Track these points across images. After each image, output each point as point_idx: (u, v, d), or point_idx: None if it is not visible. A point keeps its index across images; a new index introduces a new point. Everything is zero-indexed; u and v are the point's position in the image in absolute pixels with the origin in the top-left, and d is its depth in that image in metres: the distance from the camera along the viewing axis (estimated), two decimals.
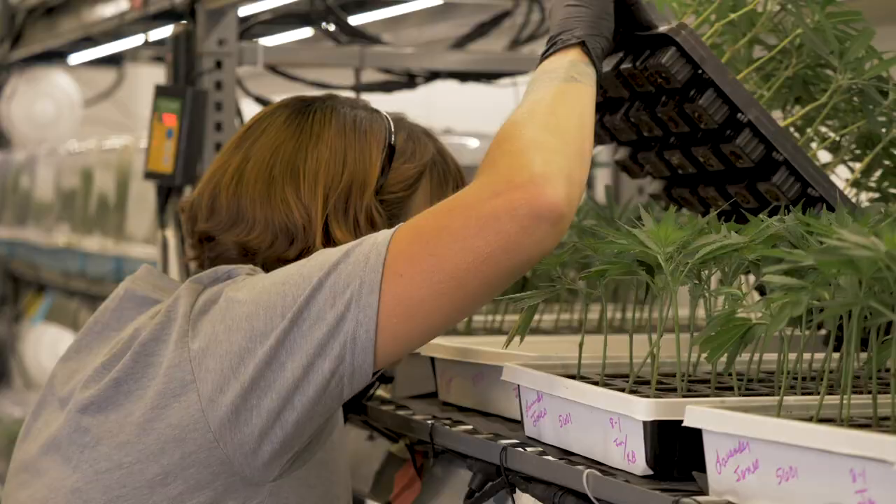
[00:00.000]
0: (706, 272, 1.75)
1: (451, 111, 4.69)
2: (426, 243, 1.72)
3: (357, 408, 2.22)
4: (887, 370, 1.69)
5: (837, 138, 2.07)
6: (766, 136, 1.92)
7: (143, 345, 1.80)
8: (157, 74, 4.49)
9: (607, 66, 1.98)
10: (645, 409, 1.62)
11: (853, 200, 2.06)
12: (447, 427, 2.00)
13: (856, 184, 2.11)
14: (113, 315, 1.92)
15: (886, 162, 2.10)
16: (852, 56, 1.98)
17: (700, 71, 1.91)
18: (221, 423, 1.74)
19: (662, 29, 1.93)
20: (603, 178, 3.39)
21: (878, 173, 2.11)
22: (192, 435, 1.75)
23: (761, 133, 1.92)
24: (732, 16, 2.00)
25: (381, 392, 2.29)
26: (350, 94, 3.70)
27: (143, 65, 5.33)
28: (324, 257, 1.76)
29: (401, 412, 2.14)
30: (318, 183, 1.92)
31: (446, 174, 2.03)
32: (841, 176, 2.11)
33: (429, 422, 2.04)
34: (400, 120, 2.04)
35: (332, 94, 2.06)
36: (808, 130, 2.06)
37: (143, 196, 3.89)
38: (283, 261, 1.87)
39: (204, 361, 1.75)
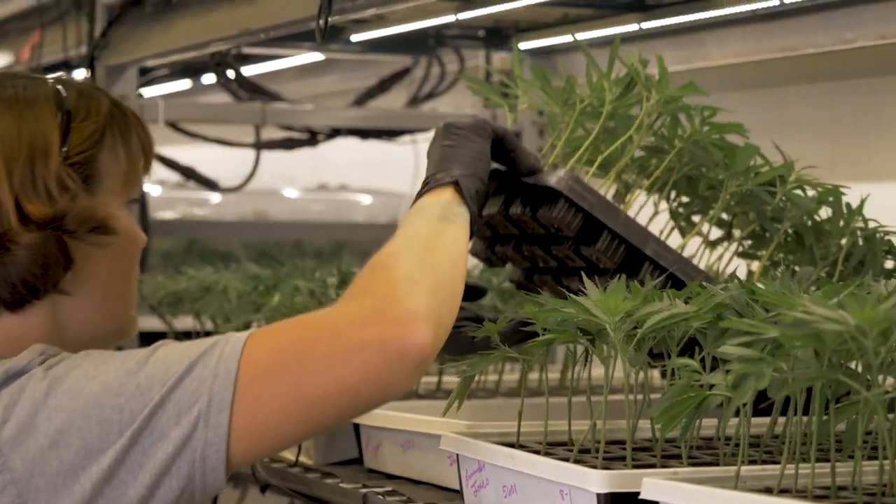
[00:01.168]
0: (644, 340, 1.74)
1: (342, 167, 4.66)
2: (288, 366, 1.63)
3: None
4: (828, 437, 1.70)
5: (730, 228, 2.11)
6: (666, 267, 1.94)
7: None
8: None
9: (493, 207, 1.99)
10: (599, 480, 1.60)
11: (745, 269, 2.10)
12: (381, 497, 1.96)
13: (744, 254, 2.13)
14: None
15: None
16: (739, 167, 2.01)
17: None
18: None
19: (549, 182, 1.93)
20: None
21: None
22: None
23: (661, 265, 1.94)
24: (616, 143, 2.01)
25: (302, 458, 2.24)
26: (250, 153, 3.64)
27: None
28: (163, 366, 1.66)
29: (328, 480, 2.10)
30: None
31: (127, 124, 1.90)
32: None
33: (361, 490, 2.00)
34: (67, 80, 1.93)
35: None
36: (697, 220, 2.09)
37: None
38: None
39: (32, 481, 1.62)
